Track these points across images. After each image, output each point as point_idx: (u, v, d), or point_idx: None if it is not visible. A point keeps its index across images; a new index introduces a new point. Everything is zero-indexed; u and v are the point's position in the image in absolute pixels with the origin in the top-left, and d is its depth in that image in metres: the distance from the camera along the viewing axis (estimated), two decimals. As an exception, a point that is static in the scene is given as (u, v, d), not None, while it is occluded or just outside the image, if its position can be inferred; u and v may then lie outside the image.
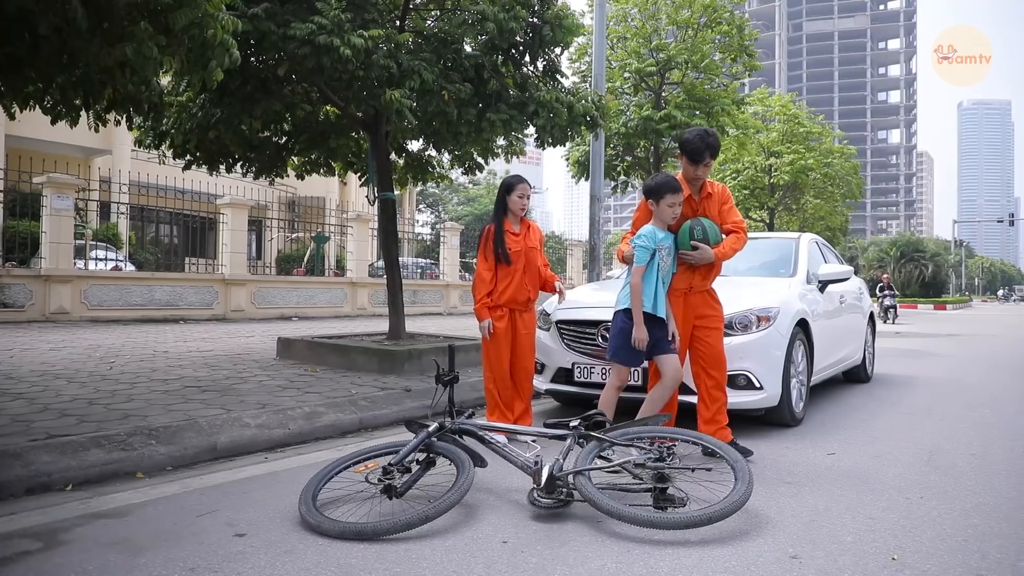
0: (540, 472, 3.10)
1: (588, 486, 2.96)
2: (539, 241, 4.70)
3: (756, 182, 28.24)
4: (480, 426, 3.51)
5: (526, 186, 4.58)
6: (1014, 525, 2.99)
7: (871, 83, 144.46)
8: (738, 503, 2.86)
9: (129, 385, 5.61)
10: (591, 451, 3.23)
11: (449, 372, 3.56)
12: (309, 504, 2.95)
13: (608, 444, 3.28)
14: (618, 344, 3.93)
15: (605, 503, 2.87)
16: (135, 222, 17.60)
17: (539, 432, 3.52)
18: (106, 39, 4.08)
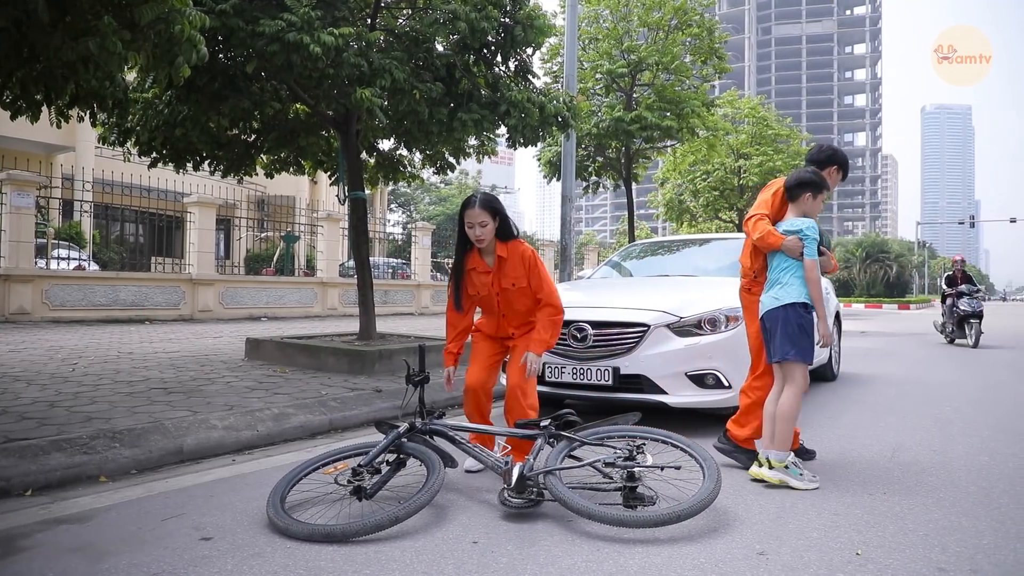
0: (511, 472, 3.10)
1: (558, 485, 2.97)
2: (522, 274, 3.62)
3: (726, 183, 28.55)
4: (451, 426, 3.49)
5: (475, 211, 3.53)
6: (972, 519, 3.06)
7: (838, 87, 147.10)
8: (706, 500, 2.89)
9: (92, 387, 5.50)
10: (561, 450, 3.24)
11: (419, 372, 3.52)
12: (277, 506, 2.91)
13: (578, 443, 3.30)
14: (796, 338, 3.58)
15: (575, 502, 2.87)
16: (99, 221, 17.26)
17: (510, 432, 3.51)
18: (68, 33, 4.00)
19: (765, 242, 3.71)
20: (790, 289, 3.63)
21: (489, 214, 3.54)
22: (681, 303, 4.95)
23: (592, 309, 5.09)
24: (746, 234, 3.88)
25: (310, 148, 8.42)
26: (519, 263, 3.61)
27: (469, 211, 3.55)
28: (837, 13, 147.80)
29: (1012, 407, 6.09)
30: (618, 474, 3.07)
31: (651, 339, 4.74)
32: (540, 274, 3.63)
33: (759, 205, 3.89)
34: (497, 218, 3.57)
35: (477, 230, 3.54)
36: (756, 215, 3.81)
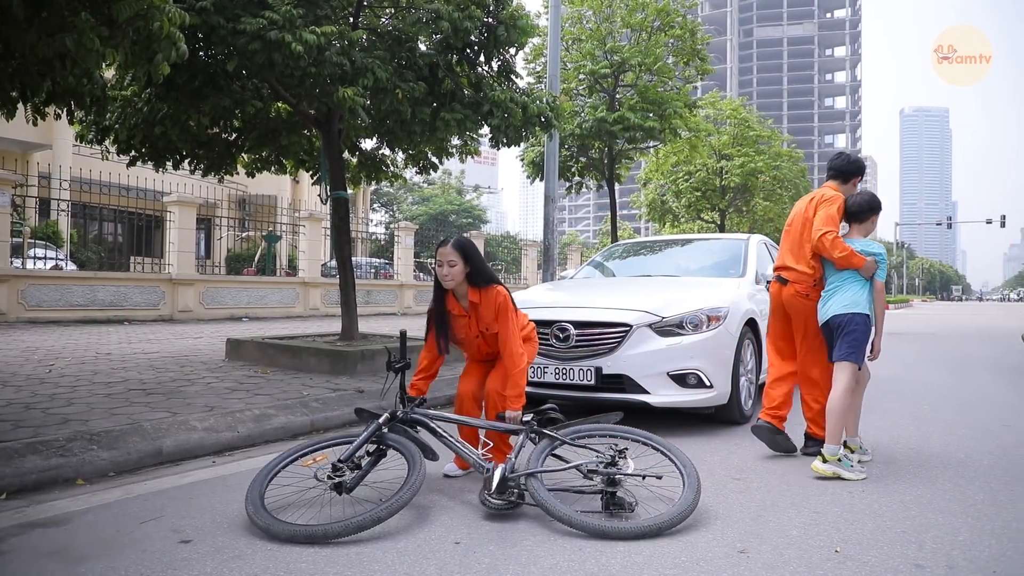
0: (491, 475, 3.09)
1: (540, 490, 2.97)
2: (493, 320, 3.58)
3: (708, 184, 28.71)
4: (432, 415, 3.46)
5: (446, 250, 3.52)
6: (949, 516, 3.11)
7: (818, 89, 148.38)
8: (687, 511, 2.90)
9: (69, 389, 5.43)
10: (543, 450, 3.24)
11: (400, 359, 3.50)
12: (257, 504, 2.88)
13: (560, 443, 3.30)
14: (857, 344, 3.92)
15: (556, 509, 2.88)
16: (77, 220, 17.03)
17: (492, 425, 3.48)
18: (44, 29, 3.94)
19: (848, 261, 3.97)
20: (859, 299, 3.96)
21: (460, 255, 3.52)
22: (663, 303, 4.97)
23: (575, 309, 5.10)
24: (822, 248, 4.03)
25: (292, 147, 8.36)
26: (491, 309, 3.57)
27: (441, 249, 3.56)
28: (818, 16, 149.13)
29: (988, 405, 6.17)
30: (599, 479, 3.07)
31: (633, 339, 4.76)
32: (506, 322, 3.55)
33: (828, 221, 4.05)
34: (468, 263, 3.54)
35: (445, 268, 3.52)
36: (831, 232, 4.01)
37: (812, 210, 4.20)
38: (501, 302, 3.57)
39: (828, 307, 4.04)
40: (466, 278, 3.57)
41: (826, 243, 3.99)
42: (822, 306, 4.09)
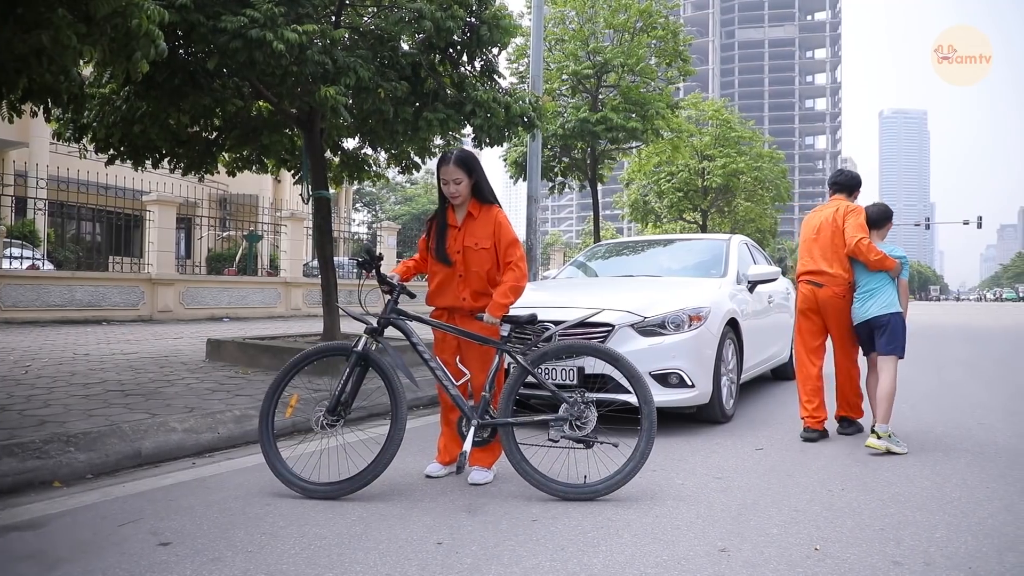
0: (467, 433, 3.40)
1: (510, 442, 3.37)
2: (491, 235, 3.63)
3: (690, 184, 28.90)
4: (410, 316, 3.61)
5: (449, 168, 3.58)
6: (926, 513, 3.15)
7: (799, 90, 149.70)
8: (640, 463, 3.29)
9: (46, 390, 5.36)
10: (516, 381, 3.42)
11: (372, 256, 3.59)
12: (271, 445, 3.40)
13: (528, 373, 3.42)
14: (901, 339, 4.56)
15: (521, 464, 3.33)
16: (54, 219, 16.81)
17: (466, 333, 3.57)
18: (20, 25, 3.88)
19: (882, 264, 4.55)
20: (894, 301, 4.57)
21: (464, 171, 3.58)
22: (645, 303, 4.99)
23: (557, 309, 5.10)
24: (859, 253, 4.57)
25: (273, 146, 8.29)
26: (488, 225, 3.62)
27: (444, 167, 3.60)
28: (799, 18, 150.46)
29: (964, 404, 6.26)
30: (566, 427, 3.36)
31: (616, 339, 4.78)
32: (508, 239, 3.62)
33: (860, 228, 4.62)
34: (472, 175, 3.60)
35: (451, 187, 3.58)
36: (865, 238, 4.59)
37: (841, 220, 4.70)
38: (502, 219, 3.65)
39: (868, 308, 4.58)
40: (476, 191, 3.64)
41: (863, 248, 4.53)
42: (860, 307, 4.63)
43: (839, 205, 4.83)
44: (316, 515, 3.04)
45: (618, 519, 3.02)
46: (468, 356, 3.69)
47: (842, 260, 4.71)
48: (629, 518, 3.03)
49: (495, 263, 3.66)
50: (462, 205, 3.68)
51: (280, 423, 3.85)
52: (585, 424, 3.35)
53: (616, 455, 3.42)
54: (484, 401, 3.44)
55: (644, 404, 3.34)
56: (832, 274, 4.71)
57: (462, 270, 3.67)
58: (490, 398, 3.46)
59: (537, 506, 3.19)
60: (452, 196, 3.61)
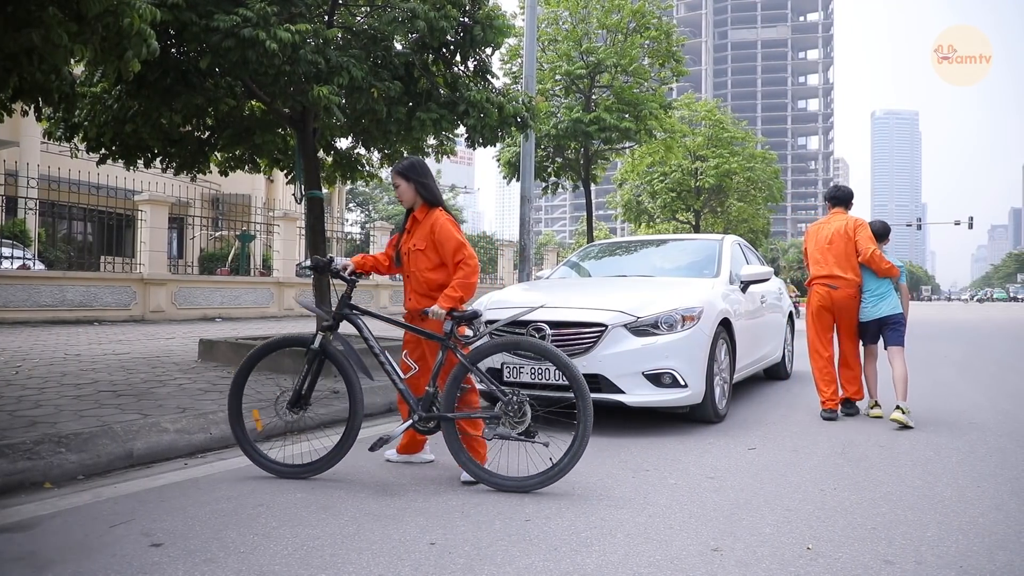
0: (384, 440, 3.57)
1: (452, 436, 3.50)
2: (427, 237, 3.79)
3: (683, 185, 28.97)
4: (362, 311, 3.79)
5: (393, 174, 3.92)
6: (918, 512, 3.16)
7: (791, 91, 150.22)
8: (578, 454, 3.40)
9: (37, 390, 5.33)
10: (456, 378, 3.54)
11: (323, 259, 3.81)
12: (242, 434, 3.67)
13: (468, 370, 3.54)
14: (904, 332, 5.54)
15: (461, 457, 3.48)
16: (45, 218, 16.72)
17: (413, 328, 3.73)
18: (10, 23, 3.85)
19: (889, 272, 5.50)
20: (898, 302, 5.55)
21: (402, 178, 3.85)
22: (638, 303, 5.00)
23: (550, 309, 5.11)
24: (872, 261, 5.47)
25: (266, 146, 8.26)
26: (427, 229, 3.80)
27: (392, 174, 3.95)
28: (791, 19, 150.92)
29: (955, 403, 6.29)
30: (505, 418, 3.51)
31: (609, 339, 4.79)
32: (446, 240, 3.74)
33: (871, 241, 5.52)
34: (410, 182, 3.84)
35: (396, 191, 3.90)
36: (877, 249, 5.51)
37: (852, 232, 5.57)
38: (438, 225, 3.77)
39: (880, 308, 5.50)
40: (418, 195, 3.86)
41: (877, 257, 5.46)
42: (873, 307, 5.53)
43: (847, 219, 5.67)
44: (309, 515, 3.04)
45: (611, 519, 3.02)
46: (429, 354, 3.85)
47: (854, 267, 5.55)
48: (622, 518, 3.04)
49: (436, 265, 3.81)
50: (415, 210, 3.91)
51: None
52: (521, 420, 3.48)
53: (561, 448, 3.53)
54: (428, 395, 3.59)
55: (580, 399, 3.44)
56: (846, 278, 5.54)
57: (408, 271, 3.91)
58: (434, 392, 3.60)
59: (530, 506, 3.19)
60: (398, 199, 3.93)
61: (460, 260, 3.71)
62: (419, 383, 3.82)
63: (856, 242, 5.54)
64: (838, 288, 5.56)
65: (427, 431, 3.65)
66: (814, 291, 5.73)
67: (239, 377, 3.81)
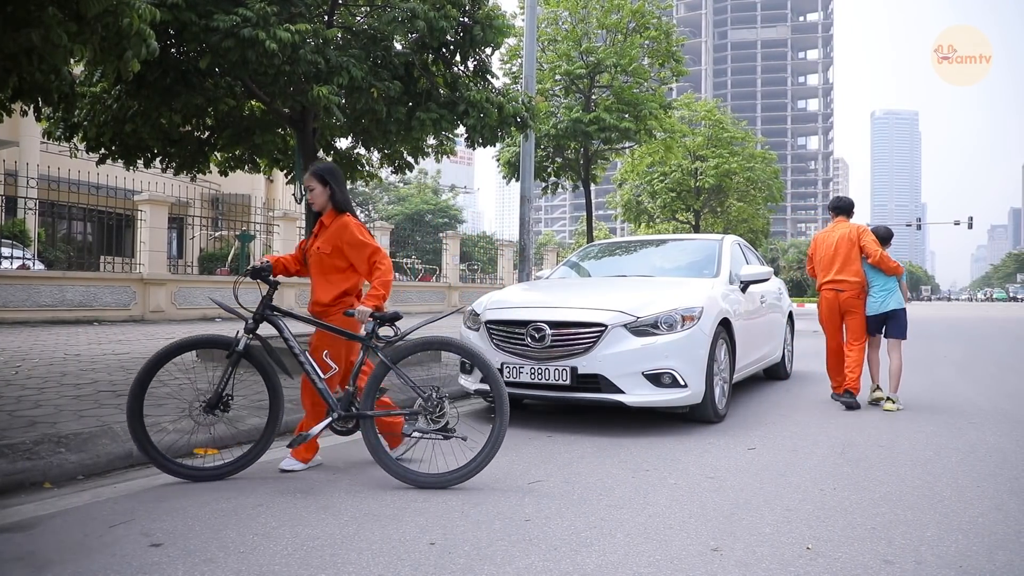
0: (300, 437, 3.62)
1: (370, 434, 3.54)
2: (334, 241, 3.85)
3: (682, 185, 28.96)
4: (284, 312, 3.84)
5: (307, 177, 3.98)
6: (917, 512, 3.16)
7: (791, 91, 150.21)
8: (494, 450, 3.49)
9: (37, 391, 5.32)
10: (376, 377, 3.60)
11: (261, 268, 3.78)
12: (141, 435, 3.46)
13: (389, 369, 3.59)
14: (905, 327, 6.11)
15: (380, 455, 3.51)
16: (45, 218, 16.72)
17: (334, 328, 3.75)
18: (10, 23, 3.86)
19: (896, 271, 6.10)
20: (901, 298, 6.12)
21: (318, 181, 3.92)
22: (638, 303, 5.00)
23: (550, 309, 5.11)
24: (882, 262, 6.00)
25: (266, 146, 8.28)
26: (334, 234, 3.87)
27: (306, 177, 3.99)
28: (791, 19, 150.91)
29: (955, 403, 6.29)
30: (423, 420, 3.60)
31: (608, 339, 4.78)
32: (358, 245, 3.82)
33: (877, 244, 6.08)
34: (326, 187, 3.91)
35: (310, 194, 3.94)
36: (883, 251, 6.09)
37: (856, 238, 6.14)
38: (345, 231, 3.85)
39: (887, 303, 6.05)
40: (330, 200, 3.92)
41: (885, 258, 6.05)
42: (881, 302, 6.06)
43: (850, 227, 6.24)
44: (309, 515, 3.04)
45: (611, 519, 3.02)
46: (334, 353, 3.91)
47: (858, 270, 6.13)
48: (622, 518, 3.04)
49: (340, 269, 3.90)
50: (324, 214, 3.98)
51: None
52: (440, 417, 3.56)
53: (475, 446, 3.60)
54: (348, 394, 3.65)
55: (497, 397, 3.55)
56: (851, 281, 6.13)
57: (311, 273, 3.99)
58: (354, 391, 3.66)
59: (530, 506, 3.19)
60: (311, 202, 3.96)
61: (375, 262, 3.82)
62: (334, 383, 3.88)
63: (863, 247, 6.09)
64: (845, 291, 6.14)
65: (344, 431, 3.70)
66: (823, 295, 6.36)
67: (143, 376, 3.58)
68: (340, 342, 3.86)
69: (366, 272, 3.86)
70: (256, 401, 5.06)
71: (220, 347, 3.75)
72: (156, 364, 3.62)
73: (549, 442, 4.52)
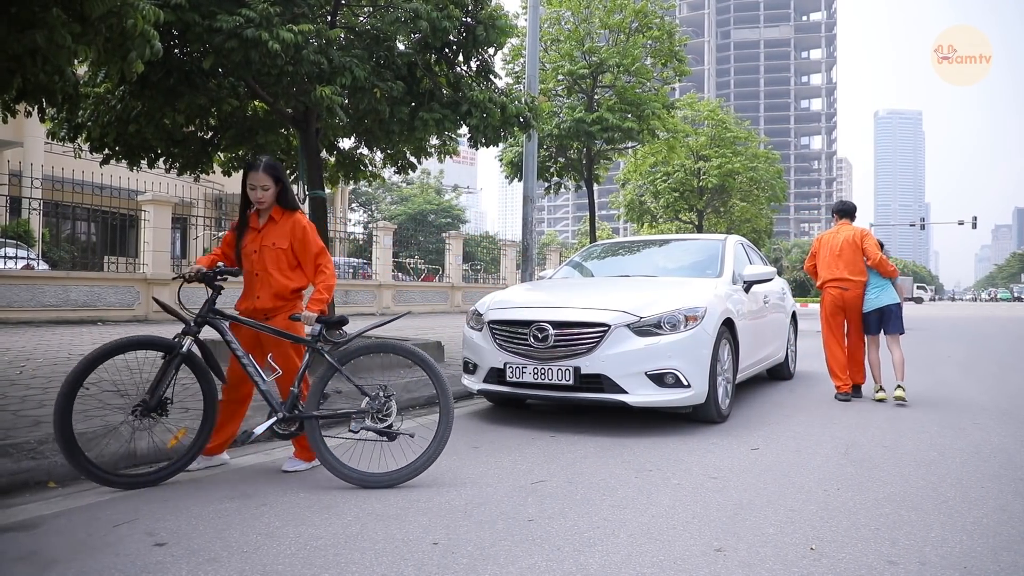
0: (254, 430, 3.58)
1: (315, 434, 3.54)
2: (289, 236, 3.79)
3: (685, 185, 28.92)
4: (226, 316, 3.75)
5: (258, 175, 3.73)
6: (921, 513, 3.15)
7: (794, 91, 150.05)
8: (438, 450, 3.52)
9: (41, 390, 5.34)
10: (323, 377, 3.60)
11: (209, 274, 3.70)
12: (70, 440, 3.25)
13: (335, 371, 3.62)
14: (901, 321, 6.50)
15: (324, 456, 3.50)
16: (49, 218, 16.75)
17: (277, 331, 3.69)
18: (14, 24, 3.87)
19: (895, 274, 6.56)
20: (893, 294, 6.51)
21: (271, 178, 3.76)
22: (641, 303, 4.99)
23: (553, 309, 5.11)
24: (882, 264, 6.43)
25: (269, 146, 8.28)
26: (288, 229, 3.80)
27: (253, 173, 3.75)
28: (794, 19, 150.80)
29: (959, 403, 6.28)
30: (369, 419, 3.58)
31: (611, 339, 4.78)
32: (311, 244, 3.80)
33: (878, 248, 6.51)
34: (278, 184, 3.79)
35: (259, 192, 3.75)
36: (884, 256, 6.52)
37: (859, 241, 6.53)
38: (307, 225, 3.83)
39: (881, 298, 6.45)
40: (280, 197, 3.82)
41: (884, 262, 6.47)
42: (876, 298, 6.46)
43: (854, 230, 6.65)
44: (312, 515, 3.04)
45: (614, 519, 3.02)
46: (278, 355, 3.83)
47: (861, 270, 6.53)
48: (625, 518, 3.04)
49: (292, 266, 3.83)
50: (266, 210, 3.84)
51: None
52: (387, 416, 3.58)
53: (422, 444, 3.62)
54: (292, 396, 3.62)
55: (441, 397, 3.59)
56: (855, 281, 6.52)
57: (259, 269, 3.81)
58: (298, 393, 3.64)
59: (533, 506, 3.19)
60: (258, 201, 3.78)
61: (320, 265, 3.80)
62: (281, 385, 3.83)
63: (864, 249, 6.51)
64: (848, 290, 6.54)
65: (287, 434, 3.65)
66: (827, 293, 6.68)
67: (76, 378, 3.37)
68: (285, 344, 3.79)
69: (311, 273, 3.82)
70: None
71: (160, 349, 3.66)
72: (90, 365, 3.45)
73: (552, 442, 4.52)
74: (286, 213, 3.84)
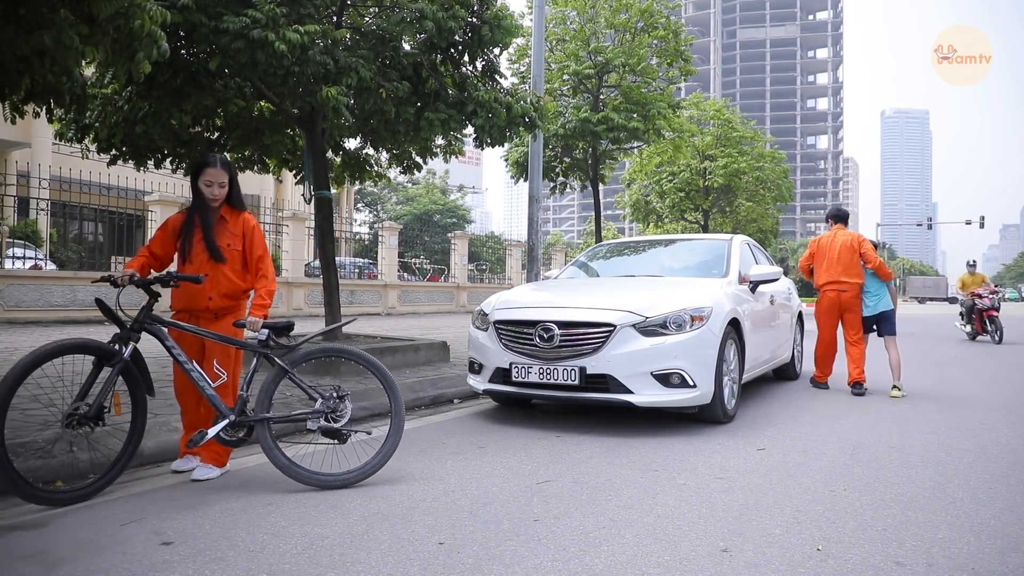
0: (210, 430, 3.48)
1: (266, 437, 3.49)
2: (238, 237, 3.79)
3: (691, 184, 28.87)
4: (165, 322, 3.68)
5: (217, 170, 3.69)
6: (929, 514, 3.14)
7: (800, 90, 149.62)
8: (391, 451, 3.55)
9: (51, 388, 5.35)
10: (274, 381, 3.58)
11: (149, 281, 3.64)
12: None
13: (286, 374, 3.59)
14: (894, 324, 6.96)
15: (276, 458, 3.45)
16: (57, 219, 16.81)
17: (221, 337, 3.67)
18: (22, 26, 3.89)
19: (890, 277, 6.97)
20: (888, 301, 6.91)
21: (228, 175, 3.74)
22: (647, 303, 4.99)
23: (559, 309, 5.11)
24: (880, 268, 6.85)
25: (275, 146, 8.30)
26: (239, 229, 3.78)
27: (210, 169, 3.69)
28: (800, 18, 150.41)
29: (967, 404, 6.25)
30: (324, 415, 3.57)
31: (617, 339, 4.78)
32: (258, 247, 3.79)
33: (875, 252, 6.95)
34: (232, 182, 3.78)
35: (216, 189, 3.70)
36: (881, 260, 6.91)
37: (857, 246, 6.90)
38: (251, 226, 3.82)
39: (878, 306, 6.87)
40: (229, 195, 3.79)
41: (882, 266, 6.86)
42: (875, 304, 6.88)
43: (850, 235, 7.02)
44: (318, 515, 3.05)
45: (620, 519, 3.02)
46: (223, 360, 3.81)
47: (859, 273, 6.88)
48: (631, 518, 3.03)
49: (244, 266, 3.82)
50: (216, 209, 3.78)
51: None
52: (340, 417, 3.58)
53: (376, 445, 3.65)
54: (241, 400, 3.58)
55: (392, 401, 3.65)
56: (851, 283, 6.89)
57: (208, 268, 3.73)
58: (247, 397, 3.60)
59: (539, 506, 3.19)
60: (214, 199, 3.73)
61: (262, 269, 3.78)
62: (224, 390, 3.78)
63: (863, 254, 6.89)
64: (846, 291, 6.91)
65: (235, 440, 3.55)
66: (825, 294, 7.05)
67: (11, 385, 3.16)
68: (230, 349, 3.78)
69: (251, 277, 3.81)
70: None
71: (97, 354, 3.51)
72: (26, 371, 3.21)
73: (558, 442, 4.52)
74: (235, 212, 3.82)
